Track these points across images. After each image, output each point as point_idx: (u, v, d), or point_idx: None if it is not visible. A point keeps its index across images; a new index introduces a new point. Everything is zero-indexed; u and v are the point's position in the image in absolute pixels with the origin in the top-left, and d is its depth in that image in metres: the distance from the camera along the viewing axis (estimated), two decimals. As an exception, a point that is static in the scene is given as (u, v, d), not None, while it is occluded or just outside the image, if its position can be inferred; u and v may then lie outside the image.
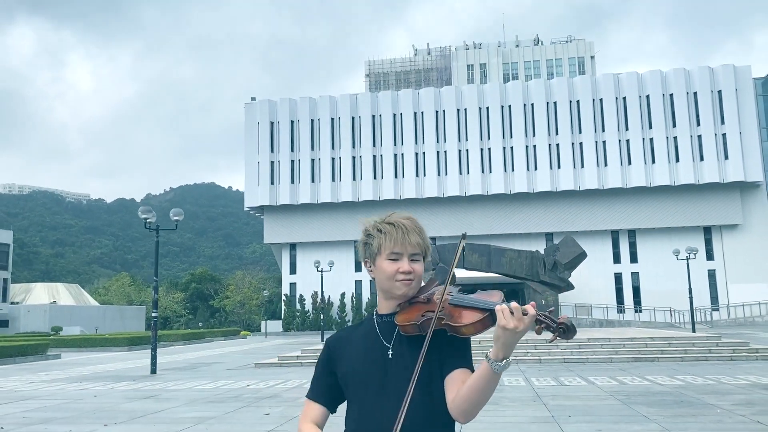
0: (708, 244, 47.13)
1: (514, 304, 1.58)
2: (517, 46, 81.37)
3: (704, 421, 7.54)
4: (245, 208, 51.43)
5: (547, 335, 1.54)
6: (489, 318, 1.65)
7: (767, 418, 7.54)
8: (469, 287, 1.89)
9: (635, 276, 47.42)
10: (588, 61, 76.09)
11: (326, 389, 1.84)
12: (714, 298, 46.81)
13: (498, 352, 1.58)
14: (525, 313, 1.55)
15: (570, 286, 23.63)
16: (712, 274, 46.96)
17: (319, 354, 1.90)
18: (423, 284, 1.86)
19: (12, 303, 53.69)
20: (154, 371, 16.05)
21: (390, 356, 1.77)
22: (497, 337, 1.57)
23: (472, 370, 1.73)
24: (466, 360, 1.75)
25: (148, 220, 15.97)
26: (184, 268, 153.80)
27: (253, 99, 50.76)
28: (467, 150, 47.42)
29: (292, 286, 49.24)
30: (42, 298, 56.80)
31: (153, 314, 16.24)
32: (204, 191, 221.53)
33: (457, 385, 1.70)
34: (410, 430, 1.67)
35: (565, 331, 1.58)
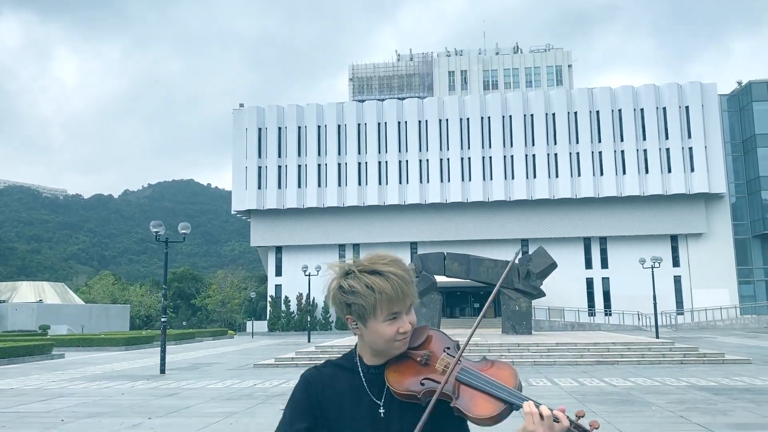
0: (674, 251, 49.69)
1: (545, 410, 1.42)
2: (497, 53, 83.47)
3: (639, 415, 9.41)
4: (233, 212, 52.86)
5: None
6: (508, 410, 1.51)
7: (690, 414, 9.44)
8: (450, 289, 1.74)
9: (606, 281, 49.80)
10: (565, 69, 78.51)
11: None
12: (679, 303, 49.40)
13: None
14: (556, 420, 1.41)
15: (541, 294, 25.59)
16: (677, 280, 49.53)
17: (297, 388, 1.68)
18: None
19: (-1, 301, 54.36)
20: (163, 371, 17.57)
21: (382, 415, 1.60)
22: None
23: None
24: (460, 427, 1.63)
25: (158, 233, 17.46)
26: (161, 266, 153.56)
27: (242, 105, 52.19)
28: (448, 159, 49.41)
29: (278, 287, 50.81)
30: (28, 297, 57.46)
31: (162, 319, 17.77)
32: (182, 188, 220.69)
33: None
34: None
35: None
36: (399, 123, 50.25)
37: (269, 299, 51.17)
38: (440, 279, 30.80)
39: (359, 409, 1.62)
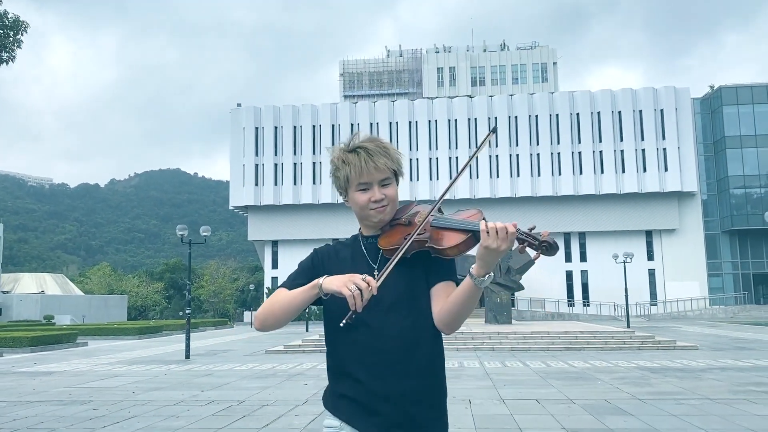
0: (649, 246, 52.86)
1: (498, 224, 1.64)
2: (485, 50, 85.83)
3: (585, 387, 12.13)
4: (230, 207, 55.29)
5: (531, 252, 1.69)
6: (472, 239, 1.72)
7: (624, 386, 12.16)
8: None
9: (584, 274, 52.88)
10: (550, 67, 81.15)
11: (302, 285, 1.88)
12: (653, 294, 52.61)
13: (480, 269, 1.67)
14: (507, 232, 1.62)
15: (520, 287, 28.33)
16: (652, 273, 52.71)
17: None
18: (400, 207, 1.95)
19: (3, 292, 56.40)
20: (188, 356, 20.06)
21: (376, 276, 1.79)
22: (480, 255, 1.67)
23: (457, 282, 1.85)
24: (450, 273, 1.87)
25: (184, 236, 19.90)
26: (149, 255, 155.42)
27: (239, 105, 54.49)
28: (437, 158, 52.16)
29: (274, 279, 53.37)
30: (31, 288, 59.58)
31: (187, 311, 20.25)
32: (169, 177, 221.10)
33: (442, 298, 1.83)
34: (400, 344, 1.81)
35: (548, 248, 1.65)
36: (390, 123, 52.84)
37: (266, 291, 53.69)
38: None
39: (357, 271, 1.82)
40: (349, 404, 1.86)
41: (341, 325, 1.69)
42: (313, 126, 53.36)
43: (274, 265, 54.01)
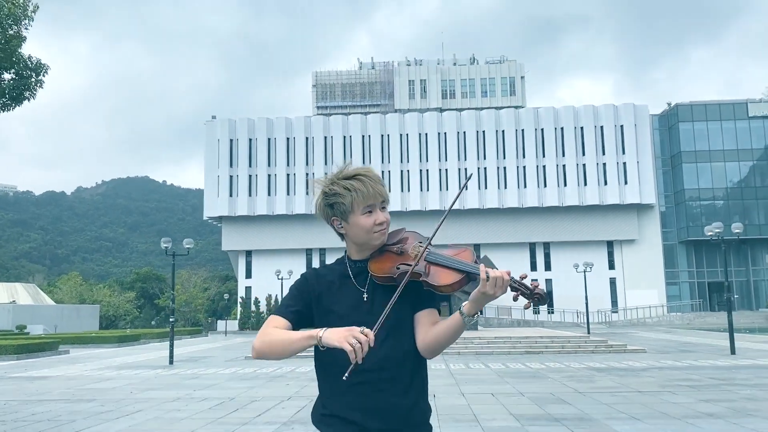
0: (610, 255, 55.31)
1: (496, 271, 1.79)
2: (455, 64, 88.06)
3: (536, 383, 13.76)
4: (205, 218, 56.17)
5: (523, 301, 1.83)
6: (465, 279, 1.85)
7: (570, 382, 13.82)
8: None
9: (549, 282, 55.01)
10: (518, 81, 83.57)
11: (296, 312, 2.00)
12: (614, 302, 54.99)
13: (472, 309, 1.83)
14: (503, 281, 1.78)
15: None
16: (613, 282, 55.12)
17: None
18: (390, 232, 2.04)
19: (-27, 302, 56.16)
20: (171, 362, 21.18)
21: (365, 299, 1.93)
22: (475, 299, 1.81)
23: (438, 310, 2.01)
24: (433, 301, 2.01)
25: (168, 248, 21.09)
26: (117, 264, 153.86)
27: (214, 117, 55.57)
28: (408, 171, 53.97)
29: (248, 289, 54.43)
30: (2, 297, 59.33)
31: (171, 319, 21.41)
32: (138, 185, 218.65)
33: (426, 325, 1.97)
34: (385, 365, 1.93)
35: (540, 299, 1.82)
36: (363, 136, 54.48)
37: (240, 300, 54.66)
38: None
39: (346, 294, 2.00)
40: (337, 422, 1.96)
41: (344, 378, 1.76)
42: (287, 138, 54.71)
43: (248, 275, 55.02)
